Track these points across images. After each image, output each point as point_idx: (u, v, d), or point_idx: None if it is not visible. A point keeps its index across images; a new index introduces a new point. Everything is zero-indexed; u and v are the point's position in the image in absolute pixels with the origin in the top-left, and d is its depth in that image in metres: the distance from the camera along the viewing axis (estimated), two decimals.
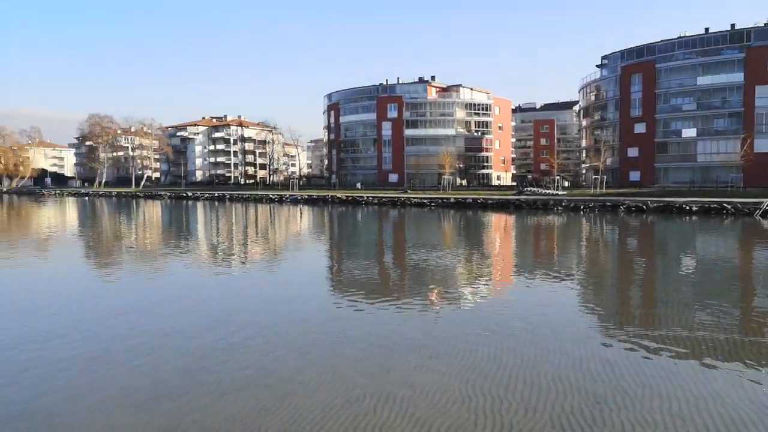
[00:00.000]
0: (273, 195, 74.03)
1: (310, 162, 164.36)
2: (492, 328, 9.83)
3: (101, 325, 10.09)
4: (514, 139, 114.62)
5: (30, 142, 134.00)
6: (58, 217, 46.96)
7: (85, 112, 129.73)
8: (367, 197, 64.34)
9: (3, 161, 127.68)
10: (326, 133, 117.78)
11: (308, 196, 70.83)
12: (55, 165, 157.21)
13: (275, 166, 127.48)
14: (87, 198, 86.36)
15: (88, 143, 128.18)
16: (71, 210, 56.81)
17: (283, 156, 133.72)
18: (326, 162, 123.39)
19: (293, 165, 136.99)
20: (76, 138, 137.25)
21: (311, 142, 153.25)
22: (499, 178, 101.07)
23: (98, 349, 8.56)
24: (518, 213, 46.52)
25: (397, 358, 8.22)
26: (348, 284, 15.07)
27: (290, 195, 72.84)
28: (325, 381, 7.22)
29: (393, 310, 11.56)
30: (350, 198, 65.13)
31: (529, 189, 67.69)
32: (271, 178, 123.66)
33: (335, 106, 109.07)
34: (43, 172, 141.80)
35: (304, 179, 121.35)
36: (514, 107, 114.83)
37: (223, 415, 6.13)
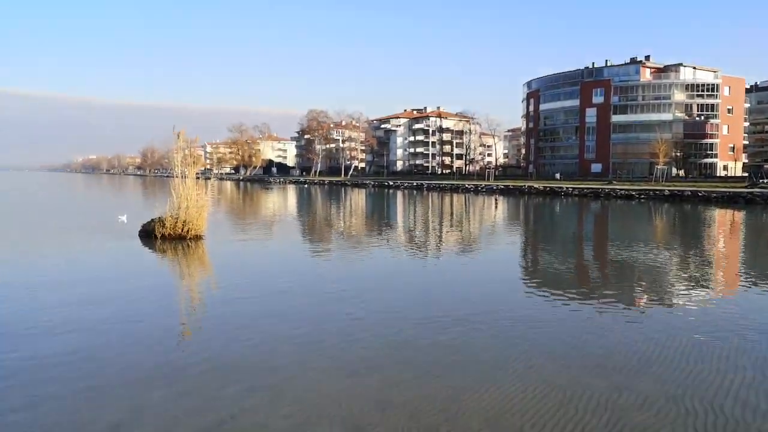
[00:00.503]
0: (469, 185, 74.67)
1: (506, 152, 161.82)
2: (719, 334, 8.77)
3: (321, 308, 11.33)
4: (747, 124, 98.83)
5: (261, 136, 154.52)
6: (281, 202, 53.45)
7: (306, 108, 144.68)
8: (567, 188, 61.29)
9: (240, 153, 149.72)
10: (524, 122, 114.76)
11: (504, 186, 69.95)
12: (279, 156, 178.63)
13: (471, 156, 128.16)
14: (305, 186, 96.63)
15: (306, 136, 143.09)
16: (291, 196, 64.19)
17: (480, 146, 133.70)
18: (523, 151, 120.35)
19: (489, 155, 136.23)
20: (297, 132, 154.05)
21: (508, 131, 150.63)
22: (725, 168, 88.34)
23: (314, 329, 9.66)
24: (750, 209, 40.20)
25: (618, 360, 7.82)
26: (544, 277, 14.67)
27: (486, 185, 72.69)
28: (525, 374, 7.21)
29: (594, 308, 10.98)
30: (548, 189, 62.72)
31: (764, 181, 57.93)
32: (467, 168, 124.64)
33: (535, 93, 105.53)
34: (270, 163, 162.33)
35: (500, 169, 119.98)
36: (748, 86, 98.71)
37: (427, 392, 6.51)
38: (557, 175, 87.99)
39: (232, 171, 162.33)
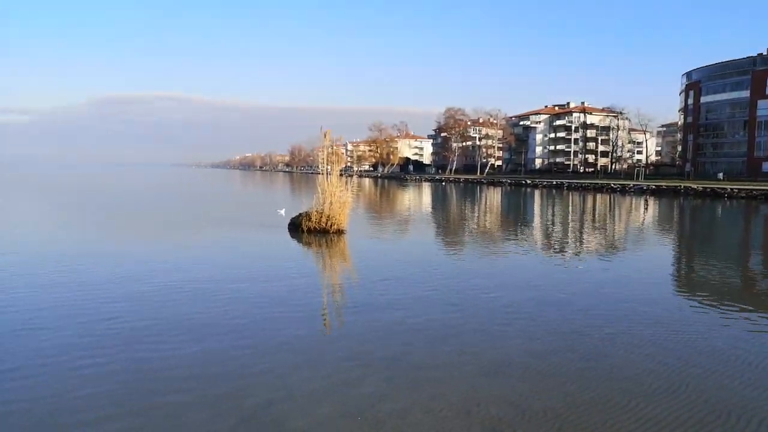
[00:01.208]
0: (615, 184, 69.93)
1: (659, 149, 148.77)
2: None
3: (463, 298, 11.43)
4: None
5: (399, 134, 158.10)
6: (417, 199, 54.30)
7: (443, 106, 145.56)
8: (731, 189, 54.93)
9: (379, 151, 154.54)
10: (681, 116, 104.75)
11: (655, 186, 64.49)
12: (416, 154, 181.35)
13: (618, 154, 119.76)
14: (442, 183, 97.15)
15: (443, 134, 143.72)
16: (426, 193, 64.91)
17: (628, 143, 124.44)
18: (679, 149, 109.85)
19: (639, 152, 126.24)
20: (434, 130, 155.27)
21: (662, 126, 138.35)
22: None
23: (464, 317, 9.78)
24: None
25: None
26: (699, 287, 13.37)
27: (634, 185, 67.56)
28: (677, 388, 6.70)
29: (754, 323, 9.82)
30: (708, 190, 56.70)
31: None
32: (613, 167, 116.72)
33: (695, 84, 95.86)
34: (407, 160, 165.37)
35: (651, 168, 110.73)
36: None
37: (570, 401, 6.33)
38: (720, 175, 79.11)
39: (371, 168, 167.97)
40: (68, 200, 41.34)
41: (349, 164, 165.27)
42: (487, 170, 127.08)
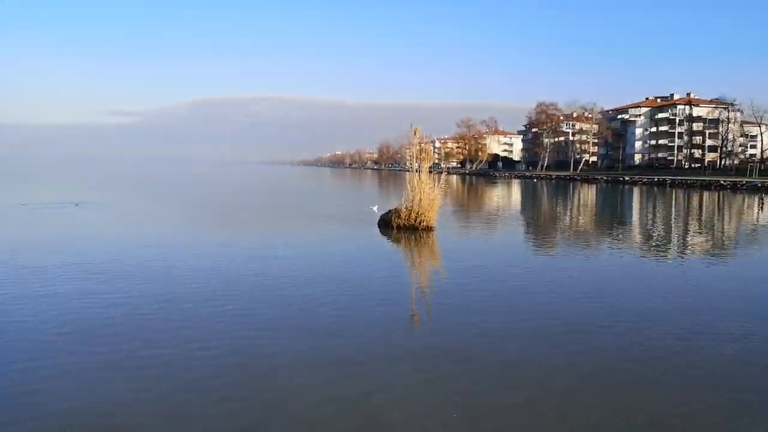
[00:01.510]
0: (724, 181, 64.78)
1: None
2: None
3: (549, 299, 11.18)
4: None
5: (487, 130, 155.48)
6: (506, 196, 53.23)
7: (534, 101, 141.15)
8: None
9: (467, 148, 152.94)
10: None
11: None
12: (505, 150, 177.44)
13: (729, 149, 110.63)
14: (534, 180, 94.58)
15: (533, 130, 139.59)
16: (516, 190, 63.46)
17: (740, 136, 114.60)
18: None
19: (753, 146, 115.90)
20: (524, 126, 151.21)
21: None
22: None
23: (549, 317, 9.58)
24: None
25: None
26: None
27: (747, 182, 62.23)
28: None
29: None
30: None
31: None
32: (723, 162, 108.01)
33: None
34: (496, 157, 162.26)
35: (766, 163, 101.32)
36: None
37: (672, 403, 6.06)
38: None
39: (458, 165, 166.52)
40: (178, 197, 44.37)
41: (436, 161, 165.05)
42: (581, 167, 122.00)
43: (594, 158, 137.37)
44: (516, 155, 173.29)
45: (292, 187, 68.05)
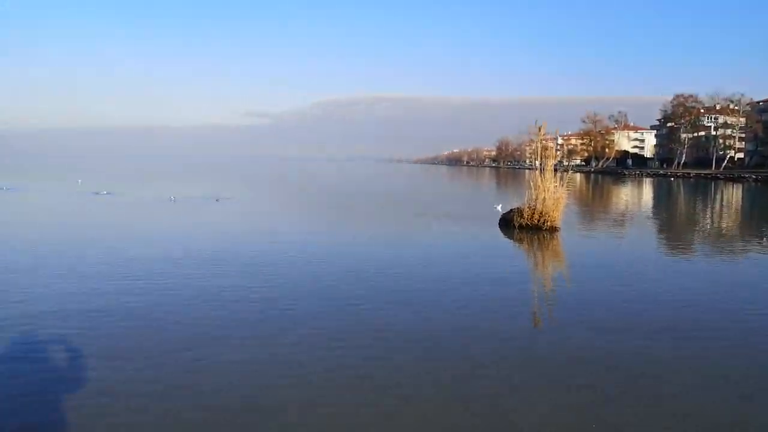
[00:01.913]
0: None
1: None
2: None
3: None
4: None
5: (616, 126, 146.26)
6: (637, 196, 49.76)
7: (670, 94, 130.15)
8: None
9: (593, 144, 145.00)
10: None
11: None
12: (635, 147, 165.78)
13: None
14: (668, 178, 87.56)
15: (669, 124, 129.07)
16: (648, 190, 59.10)
17: None
18: None
19: None
20: (658, 120, 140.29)
21: None
22: None
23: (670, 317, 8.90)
24: None
25: None
26: None
27: None
28: None
29: None
30: None
31: None
32: None
33: None
34: (625, 154, 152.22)
35: None
36: None
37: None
38: None
39: (582, 163, 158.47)
40: (306, 194, 46.79)
41: (559, 158, 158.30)
42: (724, 164, 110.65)
43: (740, 155, 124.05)
44: (648, 152, 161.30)
45: (410, 184, 68.89)
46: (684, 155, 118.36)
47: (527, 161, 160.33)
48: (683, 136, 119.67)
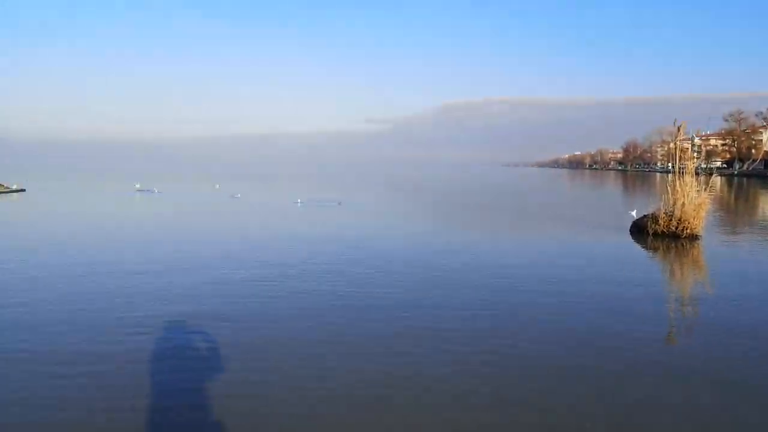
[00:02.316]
0: None
1: None
2: None
3: None
4: None
5: (765, 124, 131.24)
6: None
7: None
8: None
9: (736, 145, 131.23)
10: None
11: None
12: None
13: None
14: None
15: None
16: None
17: None
18: None
19: None
20: None
21: None
22: None
23: None
24: None
25: None
26: None
27: None
28: None
29: None
30: None
31: None
32: None
33: None
34: None
35: None
36: None
37: None
38: None
39: (723, 165, 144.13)
40: (425, 198, 47.21)
41: (696, 161, 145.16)
42: None
43: None
44: None
45: (531, 188, 66.84)
46: None
47: (659, 164, 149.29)
48: None
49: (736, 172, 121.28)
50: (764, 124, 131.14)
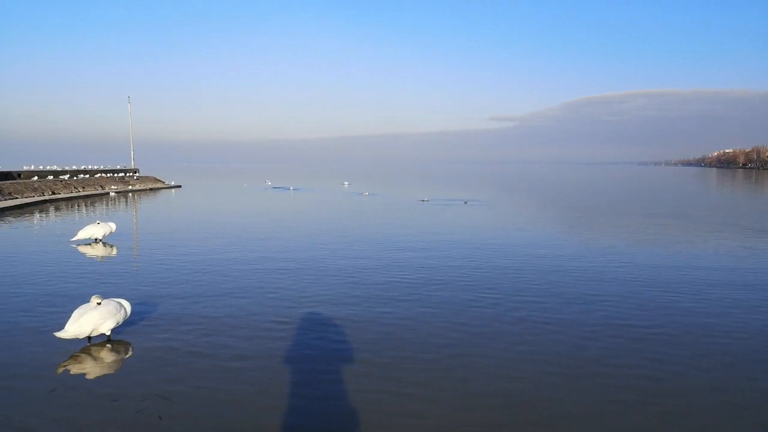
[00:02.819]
0: None
1: None
2: None
3: None
4: None
5: None
6: None
7: None
8: None
9: None
10: None
11: None
12: None
13: None
14: None
15: None
16: None
17: None
18: None
19: None
20: None
21: None
22: None
23: None
24: None
25: None
26: None
27: None
28: None
29: None
30: None
31: None
32: None
33: None
34: None
35: None
36: None
37: None
38: None
39: None
40: (557, 197, 45.33)
41: None
42: None
43: None
44: None
45: (679, 189, 61.44)
46: None
47: None
48: None
49: None
50: None
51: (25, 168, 42.39)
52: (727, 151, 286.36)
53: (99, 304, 7.19)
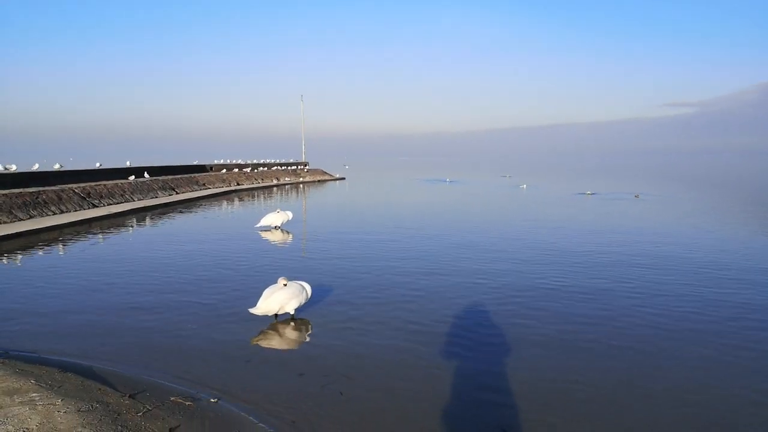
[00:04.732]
0: None
1: None
2: None
3: None
4: None
5: None
6: None
7: None
8: None
9: None
10: None
11: None
12: None
13: None
14: None
15: None
16: None
17: None
18: None
19: None
20: None
21: None
22: None
23: None
24: None
25: None
26: None
27: None
28: None
29: None
30: None
31: None
32: None
33: None
34: None
35: None
36: None
37: None
38: None
39: None
40: (741, 194, 40.14)
41: None
42: None
43: None
44: None
45: None
46: None
47: None
48: None
49: None
50: None
51: (215, 162, 47.82)
52: None
53: (285, 285, 7.88)
